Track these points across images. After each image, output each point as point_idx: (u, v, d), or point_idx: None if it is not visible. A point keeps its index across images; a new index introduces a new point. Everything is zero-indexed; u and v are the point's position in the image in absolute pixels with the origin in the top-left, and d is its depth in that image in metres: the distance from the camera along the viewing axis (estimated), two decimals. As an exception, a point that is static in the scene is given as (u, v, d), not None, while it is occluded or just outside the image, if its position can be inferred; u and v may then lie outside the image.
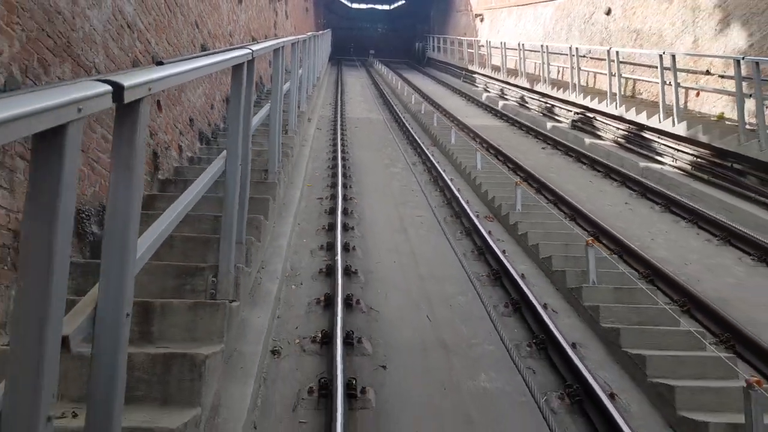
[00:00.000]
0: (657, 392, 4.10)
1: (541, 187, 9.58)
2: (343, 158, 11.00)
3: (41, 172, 1.36)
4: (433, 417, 3.89)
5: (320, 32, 18.72)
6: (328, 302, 5.22)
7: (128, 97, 1.62)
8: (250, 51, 3.33)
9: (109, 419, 1.74)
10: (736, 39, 10.35)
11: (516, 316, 5.35)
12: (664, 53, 10.52)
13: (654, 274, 6.15)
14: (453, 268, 6.41)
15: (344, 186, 9.12)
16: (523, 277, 5.99)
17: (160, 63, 3.25)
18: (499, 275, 6.10)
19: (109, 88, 1.56)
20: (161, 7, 5.19)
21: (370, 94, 23.19)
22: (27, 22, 3.01)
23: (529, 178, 10.21)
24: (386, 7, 50.59)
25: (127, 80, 1.58)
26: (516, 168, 10.93)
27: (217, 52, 3.13)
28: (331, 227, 7.21)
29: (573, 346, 4.69)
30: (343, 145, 12.33)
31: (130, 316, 1.81)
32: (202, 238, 4.43)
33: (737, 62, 8.68)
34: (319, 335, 4.67)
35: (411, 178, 10.37)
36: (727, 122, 10.21)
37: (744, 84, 8.68)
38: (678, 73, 10.81)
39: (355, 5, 50.85)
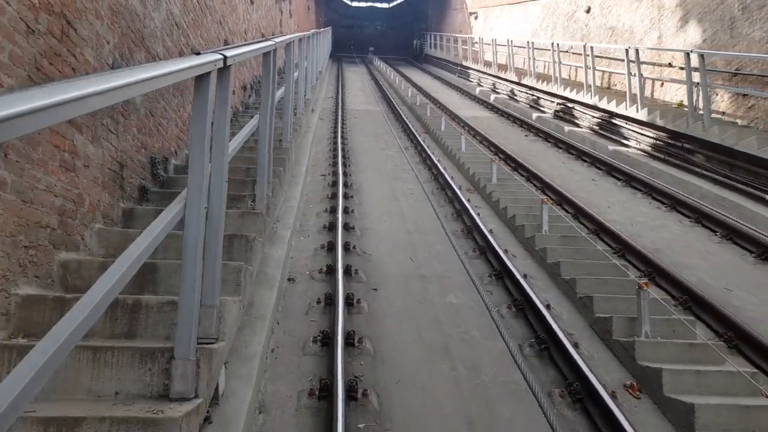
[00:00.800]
0: (583, 303, 5.38)
1: (518, 167, 10.84)
2: (343, 143, 12.26)
3: (200, 98, 2.63)
4: (411, 319, 5.17)
5: (322, 30, 19.96)
6: (331, 247, 6.49)
7: (228, 63, 2.95)
8: (274, 43, 4.58)
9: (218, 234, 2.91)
10: (693, 34, 11.61)
11: (482, 259, 6.63)
12: (629, 48, 11.78)
13: (600, 230, 7.42)
14: (435, 226, 7.69)
15: (344, 165, 10.39)
16: (491, 232, 7.26)
17: (197, 53, 4.50)
18: (472, 231, 7.38)
19: (221, 56, 2.87)
20: (196, 9, 6.48)
21: (369, 89, 24.43)
22: (120, 21, 4.27)
23: (508, 159, 11.47)
24: (385, 5, 51.75)
25: (228, 53, 2.93)
26: (498, 151, 12.19)
27: (251, 43, 4.37)
28: (333, 196, 8.49)
29: (524, 276, 5.96)
30: (343, 132, 13.58)
31: (227, 182, 3.04)
32: (240, 179, 5.86)
33: (687, 55, 9.94)
34: (324, 268, 5.95)
35: (404, 159, 11.63)
36: (685, 108, 11.45)
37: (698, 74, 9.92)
38: (645, 65, 12.07)
39: (355, 3, 51.97)
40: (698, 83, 9.73)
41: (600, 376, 4.27)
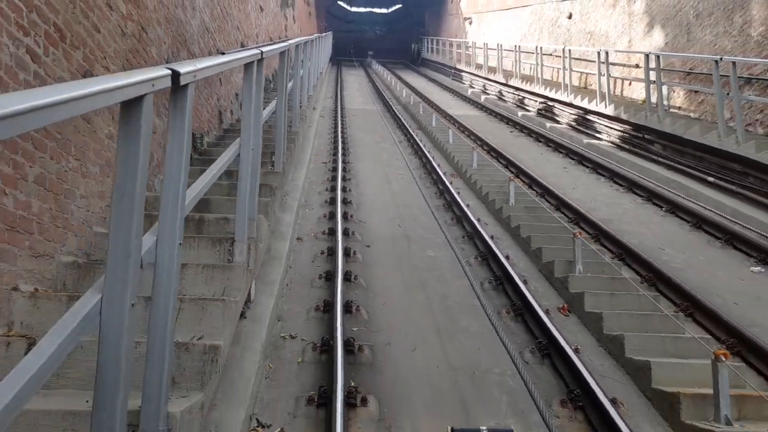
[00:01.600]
0: (535, 254, 6.66)
1: (499, 156, 12.13)
2: (342, 136, 13.55)
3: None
4: (396, 266, 6.45)
5: (323, 34, 21.27)
6: (332, 216, 7.77)
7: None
8: (289, 44, 5.86)
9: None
10: (657, 38, 12.91)
11: (458, 226, 7.91)
12: (600, 50, 13.09)
13: (561, 205, 8.70)
14: (420, 202, 8.98)
15: (343, 154, 11.67)
16: (468, 206, 8.53)
17: (222, 53, 5.77)
18: (451, 205, 8.66)
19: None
20: (220, 17, 7.78)
21: (367, 90, 25.75)
22: (172, 27, 5.54)
23: (491, 150, 12.76)
24: (384, 10, 53.13)
25: (264, 48, 3.90)
26: (483, 144, 13.47)
27: (272, 44, 5.66)
28: (334, 178, 9.76)
29: (492, 237, 7.23)
30: (342, 127, 14.87)
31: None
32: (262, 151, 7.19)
33: (645, 56, 11.23)
34: (326, 231, 7.23)
35: (397, 150, 12.92)
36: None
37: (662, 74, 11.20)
38: (617, 66, 13.34)
39: (354, 9, 53.34)
40: (654, 81, 11.01)
41: (539, 301, 5.53)
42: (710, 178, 9.28)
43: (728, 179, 8.97)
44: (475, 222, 7.62)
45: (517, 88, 19.29)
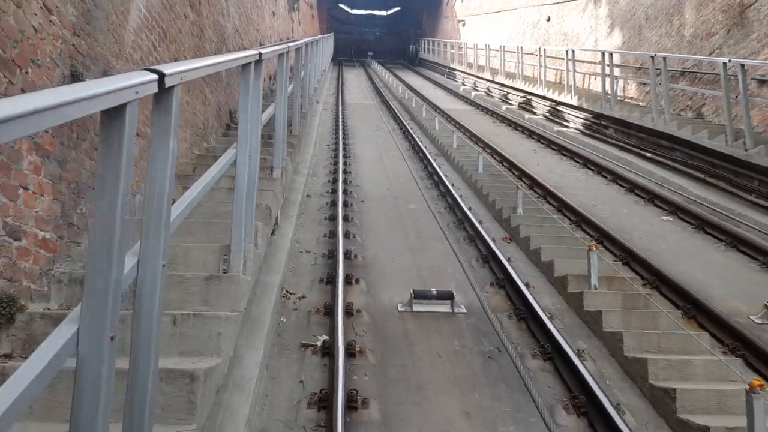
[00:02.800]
0: (492, 205, 8.58)
1: (478, 141, 14.05)
2: (343, 125, 15.48)
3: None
4: (384, 213, 8.38)
5: (325, 36, 23.21)
6: (334, 181, 9.70)
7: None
8: (300, 42, 7.76)
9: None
10: (617, 38, 14.83)
11: (436, 189, 9.83)
12: (567, 49, 15.00)
13: (522, 175, 10.61)
14: (407, 173, 10.91)
15: (344, 139, 13.60)
16: (446, 175, 10.44)
17: (261, 45, 7.63)
18: (432, 175, 10.59)
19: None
20: (245, 21, 9.73)
21: (366, 87, 27.69)
22: (216, 29, 7.46)
23: (472, 136, 14.67)
24: (383, 12, 55.11)
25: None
26: (465, 131, 15.39)
27: (289, 41, 7.57)
28: (335, 156, 11.68)
29: (461, 196, 9.14)
30: (343, 118, 16.80)
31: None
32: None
33: (602, 54, 13.16)
34: (330, 190, 9.15)
35: (390, 137, 14.86)
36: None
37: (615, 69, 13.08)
38: (585, 63, 15.24)
39: (355, 11, 55.30)
40: (608, 75, 12.94)
41: (488, 233, 7.44)
42: (648, 154, 11.21)
43: (659, 153, 10.90)
44: (449, 185, 9.54)
45: (502, 85, 21.21)
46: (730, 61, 8.80)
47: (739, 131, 8.73)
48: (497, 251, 6.64)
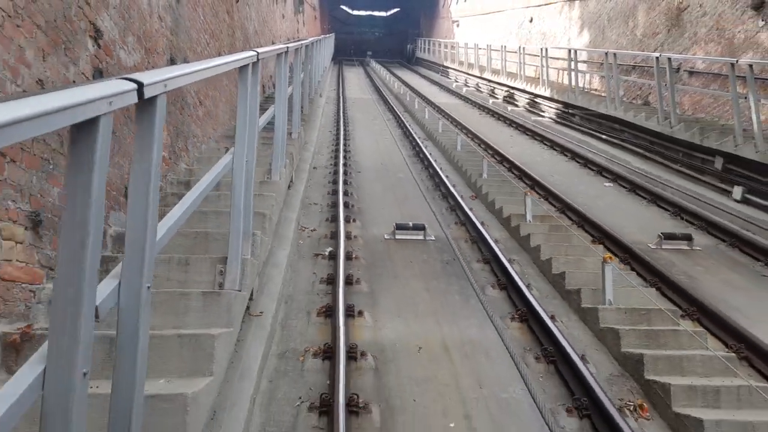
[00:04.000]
0: (464, 173, 10.50)
1: (462, 128, 15.98)
2: (344, 115, 17.42)
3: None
4: (377, 181, 10.32)
5: (326, 36, 25.16)
6: (336, 156, 11.64)
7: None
8: (307, 41, 9.67)
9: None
10: (586, 37, 16.75)
11: (421, 164, 11.77)
12: (542, 48, 16.93)
13: (496, 154, 12.52)
14: (398, 153, 12.85)
15: (344, 126, 15.54)
16: (430, 155, 12.37)
17: (273, 43, 9.57)
18: (419, 154, 12.53)
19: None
20: (262, 23, 11.65)
21: (365, 84, 29.64)
22: (243, 30, 9.37)
23: (459, 125, 16.59)
24: (383, 13, 57.08)
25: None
26: (452, 120, 17.32)
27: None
28: (337, 139, 13.63)
29: (440, 169, 11.06)
30: (344, 110, 18.74)
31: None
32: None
33: (568, 52, 15.08)
34: (332, 163, 11.10)
35: (385, 125, 16.80)
36: (585, 90, 16.57)
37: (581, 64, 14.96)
38: (558, 60, 17.14)
39: (355, 12, 57.26)
40: (573, 69, 14.87)
41: (458, 193, 9.34)
42: (603, 136, 13.14)
43: (613, 135, 12.83)
44: (432, 160, 11.48)
45: (489, 81, 23.15)
46: (660, 56, 10.71)
47: (667, 113, 10.64)
48: (462, 203, 8.57)
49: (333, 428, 3.52)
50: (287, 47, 6.86)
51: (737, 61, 8.69)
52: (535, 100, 17.86)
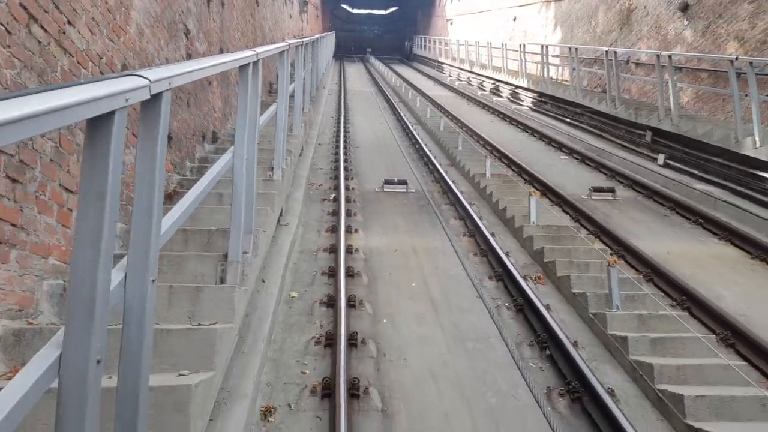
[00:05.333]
0: (444, 147, 12.62)
1: (449, 114, 18.09)
2: (344, 105, 19.54)
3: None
4: (371, 152, 12.46)
5: (328, 34, 27.26)
6: (338, 136, 13.76)
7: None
8: (312, 38, 11.75)
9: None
10: (559, 35, 18.83)
11: (409, 143, 13.90)
12: (521, 44, 19.02)
13: (475, 135, 14.63)
14: (391, 135, 14.99)
15: (345, 113, 17.66)
16: (418, 134, 14.48)
17: (283, 40, 11.70)
18: (409, 136, 14.65)
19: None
20: (275, 22, 13.74)
21: (365, 79, 31.74)
22: (260, 29, 11.45)
23: (447, 113, 18.69)
24: (382, 12, 59.09)
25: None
26: (442, 109, 19.42)
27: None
28: (338, 123, 15.75)
29: (425, 145, 13.17)
30: (345, 100, 20.86)
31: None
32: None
33: (541, 47, 17.16)
34: (335, 141, 13.22)
35: (381, 114, 18.93)
36: (557, 81, 18.66)
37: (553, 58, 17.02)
38: (536, 55, 19.24)
39: (355, 10, 59.25)
40: (545, 63, 16.97)
41: (438, 162, 11.45)
42: (567, 119, 15.25)
43: (575, 118, 14.94)
44: (418, 138, 13.61)
45: (478, 75, 25.24)
46: (608, 50, 12.80)
47: (614, 97, 12.74)
48: (439, 168, 10.69)
49: (337, 282, 5.65)
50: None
51: (660, 54, 10.79)
52: (516, 91, 19.96)
